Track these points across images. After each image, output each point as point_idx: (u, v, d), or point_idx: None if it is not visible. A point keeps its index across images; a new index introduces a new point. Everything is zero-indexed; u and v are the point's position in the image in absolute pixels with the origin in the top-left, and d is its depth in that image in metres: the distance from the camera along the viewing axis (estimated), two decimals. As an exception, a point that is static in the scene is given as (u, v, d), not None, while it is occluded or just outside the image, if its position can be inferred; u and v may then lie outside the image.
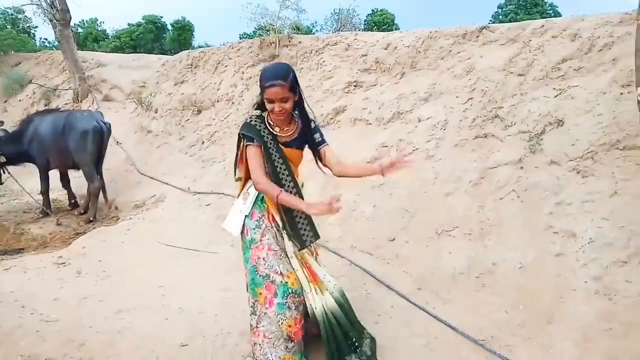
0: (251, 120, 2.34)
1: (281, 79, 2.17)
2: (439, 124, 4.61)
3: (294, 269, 2.38)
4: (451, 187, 4.03)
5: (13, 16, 12.33)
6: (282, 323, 2.29)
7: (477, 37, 5.15)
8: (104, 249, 4.35)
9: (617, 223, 3.03)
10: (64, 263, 4.01)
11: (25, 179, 6.24)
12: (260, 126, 2.33)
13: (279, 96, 2.18)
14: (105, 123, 5.92)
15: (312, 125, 2.45)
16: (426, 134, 4.61)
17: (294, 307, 2.32)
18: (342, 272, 3.66)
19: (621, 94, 3.69)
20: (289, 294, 2.32)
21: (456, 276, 3.34)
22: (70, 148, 5.62)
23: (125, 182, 6.56)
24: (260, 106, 2.36)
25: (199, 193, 5.49)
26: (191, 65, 7.89)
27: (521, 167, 3.77)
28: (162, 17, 29.04)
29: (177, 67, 8.13)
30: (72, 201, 6.26)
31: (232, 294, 3.36)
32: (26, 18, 11.96)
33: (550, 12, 28.67)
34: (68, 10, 9.14)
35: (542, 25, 4.76)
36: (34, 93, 10.08)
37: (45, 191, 5.86)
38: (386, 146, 4.80)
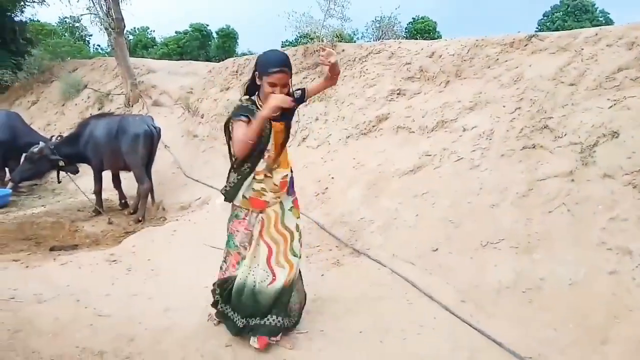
0: (243, 103, 2.58)
1: (287, 66, 2.44)
2: (484, 133, 4.52)
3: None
4: (497, 198, 3.94)
5: (71, 25, 13.05)
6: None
7: (526, 45, 5.04)
8: (153, 248, 4.52)
9: (677, 241, 2.88)
10: (115, 260, 4.20)
11: (79, 178, 6.57)
12: (252, 106, 2.55)
13: (282, 82, 2.42)
14: (155, 127, 6.16)
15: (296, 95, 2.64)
16: (471, 144, 4.54)
17: None
18: (383, 281, 3.65)
19: (683, 105, 3.51)
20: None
21: (502, 290, 3.25)
22: (123, 150, 5.88)
23: (172, 184, 6.79)
24: (250, 89, 2.63)
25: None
26: (236, 72, 8.09)
27: (572, 180, 3.64)
28: (207, 25, 29.96)
29: (223, 73, 8.36)
30: (123, 201, 6.54)
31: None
32: (83, 27, 12.63)
33: (602, 18, 27.53)
34: (123, 19, 9.61)
35: (596, 34, 4.60)
36: (88, 97, 10.61)
37: (98, 191, 6.15)
38: (429, 155, 4.75)
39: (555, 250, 3.32)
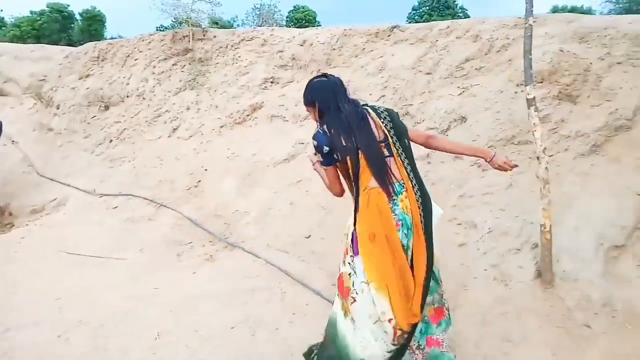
0: None
1: (303, 97, 2.26)
2: (353, 120, 4.67)
3: None
4: (365, 182, 4.10)
5: None
6: None
7: (389, 36, 5.31)
8: (-8, 260, 3.92)
9: (512, 213, 3.25)
10: (-59, 278, 3.56)
11: None
12: None
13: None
14: (-5, 120, 5.33)
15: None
16: (341, 131, 4.66)
17: None
18: (258, 272, 3.59)
19: (516, 92, 3.97)
20: None
21: (369, 270, 3.39)
22: (-48, 148, 4.99)
23: (22, 185, 5.95)
24: None
25: (105, 195, 5.13)
26: (98, 57, 7.34)
27: (429, 162, 3.92)
28: (68, 5, 26.86)
29: (82, 59, 7.52)
30: (-43, 208, 5.57)
31: (139, 302, 3.17)
32: None
33: (461, 14, 30.43)
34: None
35: (448, 26, 5.01)
36: None
37: None
38: (303, 143, 4.79)
39: (415, 229, 3.55)
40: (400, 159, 2.08)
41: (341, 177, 2.20)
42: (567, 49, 3.99)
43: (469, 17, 29.45)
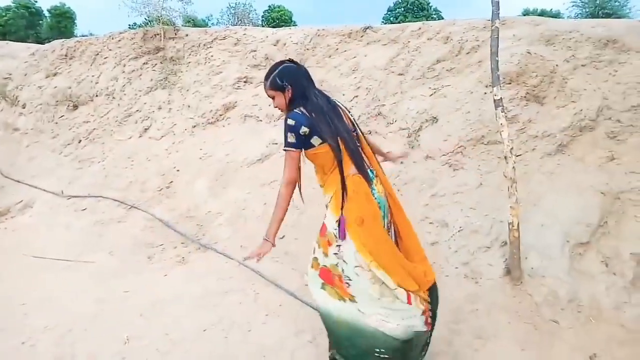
0: None
1: (265, 78, 2.17)
2: (327, 120, 4.68)
3: None
4: (339, 182, 4.11)
5: None
6: None
7: (362, 36, 5.34)
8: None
9: (482, 212, 3.31)
10: None
11: None
12: None
13: (266, 95, 2.21)
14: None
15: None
16: (315, 131, 4.66)
17: None
18: (231, 274, 3.56)
19: (485, 93, 4.05)
20: None
21: (342, 270, 3.40)
22: None
23: (-15, 187, 5.75)
24: None
25: (73, 197, 4.99)
26: (66, 55, 7.14)
27: (401, 162, 3.95)
28: (36, 1, 26.09)
29: (49, 57, 7.30)
30: None
31: (108, 306, 3.09)
32: None
33: (435, 16, 30.92)
34: None
35: (419, 28, 5.07)
36: None
37: None
38: (276, 143, 4.76)
39: (387, 228, 3.58)
40: (367, 149, 2.20)
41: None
42: (534, 51, 4.09)
43: (442, 18, 29.98)
